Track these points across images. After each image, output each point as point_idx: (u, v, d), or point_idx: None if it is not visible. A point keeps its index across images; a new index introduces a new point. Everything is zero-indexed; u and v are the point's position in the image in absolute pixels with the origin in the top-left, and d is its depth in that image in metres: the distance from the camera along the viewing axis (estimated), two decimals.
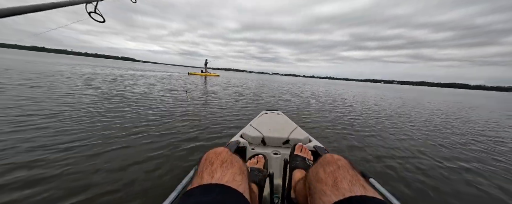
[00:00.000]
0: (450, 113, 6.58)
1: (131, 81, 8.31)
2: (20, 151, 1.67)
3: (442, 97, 17.15)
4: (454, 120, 5.15)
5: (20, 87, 4.46)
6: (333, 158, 0.52)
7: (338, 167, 0.47)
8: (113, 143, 1.99)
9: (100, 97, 4.17)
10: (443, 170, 2.02)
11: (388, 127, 3.72)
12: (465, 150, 2.70)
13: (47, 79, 6.30)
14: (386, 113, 5.56)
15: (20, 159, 1.55)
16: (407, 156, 2.34)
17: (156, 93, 5.63)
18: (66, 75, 8.18)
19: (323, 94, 10.25)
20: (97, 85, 6.05)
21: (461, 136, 3.47)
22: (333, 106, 6.19)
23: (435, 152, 2.56)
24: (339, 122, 3.82)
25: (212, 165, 0.47)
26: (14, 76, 6.25)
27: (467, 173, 2.00)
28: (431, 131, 3.72)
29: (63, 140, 1.96)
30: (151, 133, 2.38)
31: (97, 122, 2.56)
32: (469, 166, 2.18)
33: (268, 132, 1.44)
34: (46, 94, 3.94)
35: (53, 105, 3.18)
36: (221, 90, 8.25)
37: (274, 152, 1.30)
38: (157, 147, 2.01)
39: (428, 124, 4.30)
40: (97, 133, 2.20)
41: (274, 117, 1.96)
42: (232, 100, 5.68)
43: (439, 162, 2.21)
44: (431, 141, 3.04)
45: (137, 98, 4.57)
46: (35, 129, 2.16)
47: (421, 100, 11.62)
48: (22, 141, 1.84)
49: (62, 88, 4.80)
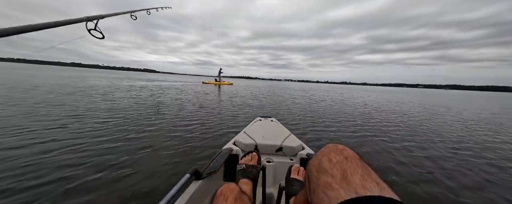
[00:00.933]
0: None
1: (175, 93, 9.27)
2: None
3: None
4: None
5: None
6: (337, 147, 0.46)
7: (345, 158, 0.42)
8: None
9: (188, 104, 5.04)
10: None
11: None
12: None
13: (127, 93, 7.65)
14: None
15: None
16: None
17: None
18: (135, 88, 10.22)
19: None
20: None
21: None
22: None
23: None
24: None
25: (226, 200, 0.54)
26: (108, 90, 7.88)
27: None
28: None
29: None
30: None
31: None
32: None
33: (261, 139, 1.43)
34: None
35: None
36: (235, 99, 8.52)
37: (267, 160, 1.29)
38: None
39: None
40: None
41: (268, 124, 1.95)
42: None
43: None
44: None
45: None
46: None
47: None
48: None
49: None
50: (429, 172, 2.17)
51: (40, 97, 5.39)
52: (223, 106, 6.02)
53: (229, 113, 5.01)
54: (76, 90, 7.62)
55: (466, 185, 1.95)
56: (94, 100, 5.49)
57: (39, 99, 5.08)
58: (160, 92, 9.10)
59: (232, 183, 0.63)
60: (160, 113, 4.40)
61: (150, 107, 5.09)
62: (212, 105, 6.10)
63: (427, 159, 2.55)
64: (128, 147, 2.34)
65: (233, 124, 3.81)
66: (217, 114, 4.70)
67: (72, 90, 7.34)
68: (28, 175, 1.64)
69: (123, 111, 4.34)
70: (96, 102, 5.19)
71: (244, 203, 0.56)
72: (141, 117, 3.88)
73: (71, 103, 4.77)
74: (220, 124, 3.78)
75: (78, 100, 5.27)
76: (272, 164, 1.25)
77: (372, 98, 13.34)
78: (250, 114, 5.02)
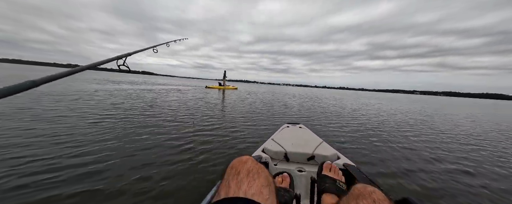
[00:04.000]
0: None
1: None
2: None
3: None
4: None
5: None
6: (366, 190, 0.46)
7: (373, 202, 0.42)
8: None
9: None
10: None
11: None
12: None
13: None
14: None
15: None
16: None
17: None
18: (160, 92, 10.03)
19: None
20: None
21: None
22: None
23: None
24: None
25: (238, 174, 0.46)
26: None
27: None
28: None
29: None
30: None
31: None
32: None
33: (291, 147, 1.36)
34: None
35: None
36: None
37: (299, 169, 1.21)
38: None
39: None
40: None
41: (297, 131, 1.87)
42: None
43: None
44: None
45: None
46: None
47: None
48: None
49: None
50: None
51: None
52: (251, 117, 5.54)
53: (259, 121, 4.77)
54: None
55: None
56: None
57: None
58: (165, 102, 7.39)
59: (245, 155, 0.55)
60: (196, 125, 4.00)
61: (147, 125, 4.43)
62: (238, 114, 5.81)
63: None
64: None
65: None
66: (246, 122, 4.54)
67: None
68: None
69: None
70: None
71: (259, 174, 0.46)
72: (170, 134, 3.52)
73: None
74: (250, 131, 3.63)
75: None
76: (304, 174, 1.17)
77: (391, 107, 12.22)
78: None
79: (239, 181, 0.44)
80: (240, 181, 0.44)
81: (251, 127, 4.28)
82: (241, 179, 0.44)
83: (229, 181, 0.44)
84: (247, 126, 4.34)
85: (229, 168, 0.49)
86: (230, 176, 0.46)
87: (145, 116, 4.53)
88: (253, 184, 0.43)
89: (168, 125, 3.87)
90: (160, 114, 4.91)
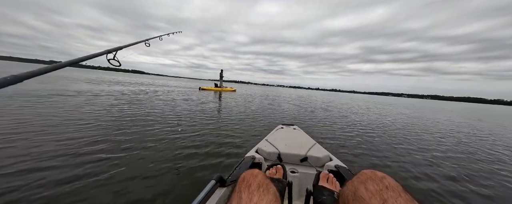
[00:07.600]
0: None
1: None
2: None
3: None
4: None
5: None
6: (375, 174, 0.44)
7: (386, 187, 0.40)
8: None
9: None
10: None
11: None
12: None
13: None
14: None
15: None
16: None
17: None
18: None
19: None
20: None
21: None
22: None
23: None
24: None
25: (249, 186, 0.48)
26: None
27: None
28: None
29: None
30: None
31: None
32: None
33: (284, 148, 1.37)
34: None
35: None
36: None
37: (291, 170, 1.21)
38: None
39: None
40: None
41: (291, 132, 1.88)
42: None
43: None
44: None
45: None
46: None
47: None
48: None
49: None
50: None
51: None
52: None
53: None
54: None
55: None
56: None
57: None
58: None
59: (255, 169, 0.58)
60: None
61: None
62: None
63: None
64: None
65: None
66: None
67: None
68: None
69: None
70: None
71: (268, 190, 0.49)
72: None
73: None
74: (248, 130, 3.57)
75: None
76: (297, 175, 1.18)
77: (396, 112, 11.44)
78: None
79: (250, 193, 0.46)
80: (251, 193, 0.46)
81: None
82: (252, 192, 0.47)
83: (241, 192, 0.47)
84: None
85: (240, 180, 0.52)
86: (242, 187, 0.49)
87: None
88: (264, 198, 0.45)
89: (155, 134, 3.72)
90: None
